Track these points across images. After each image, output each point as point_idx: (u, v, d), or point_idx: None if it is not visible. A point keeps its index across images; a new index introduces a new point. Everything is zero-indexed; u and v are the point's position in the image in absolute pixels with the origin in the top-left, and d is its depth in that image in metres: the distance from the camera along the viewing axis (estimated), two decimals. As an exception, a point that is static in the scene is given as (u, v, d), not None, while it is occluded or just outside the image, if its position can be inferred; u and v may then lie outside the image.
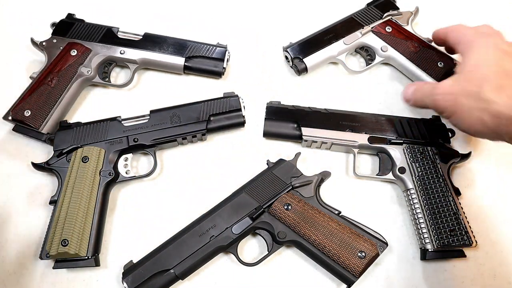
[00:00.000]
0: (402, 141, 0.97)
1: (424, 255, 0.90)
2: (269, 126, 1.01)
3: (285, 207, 0.89)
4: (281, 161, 0.94)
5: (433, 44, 1.04)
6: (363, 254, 0.84)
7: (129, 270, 0.85)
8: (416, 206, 0.92)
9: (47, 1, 1.23)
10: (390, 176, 0.97)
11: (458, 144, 1.03)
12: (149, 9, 1.23)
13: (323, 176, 0.93)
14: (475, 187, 1.01)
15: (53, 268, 0.88)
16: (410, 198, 0.93)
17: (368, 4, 1.13)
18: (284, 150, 1.04)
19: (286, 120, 1.00)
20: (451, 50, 0.96)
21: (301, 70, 1.07)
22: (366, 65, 1.12)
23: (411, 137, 0.97)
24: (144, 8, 1.24)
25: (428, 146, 0.96)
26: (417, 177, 0.94)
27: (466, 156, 0.97)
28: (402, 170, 0.95)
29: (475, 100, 0.76)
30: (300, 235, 0.87)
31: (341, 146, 1.00)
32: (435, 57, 1.04)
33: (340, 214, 0.89)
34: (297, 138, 1.00)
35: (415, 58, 1.05)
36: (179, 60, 1.07)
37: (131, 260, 0.89)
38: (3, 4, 1.23)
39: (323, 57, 1.07)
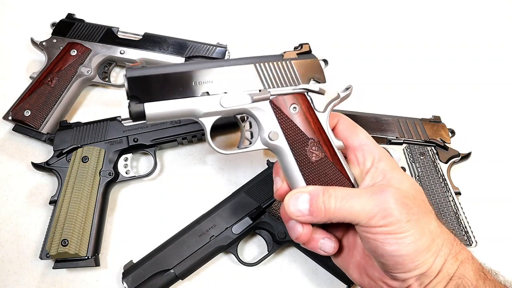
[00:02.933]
0: (402, 141, 0.97)
1: (424, 255, 0.90)
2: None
3: (285, 207, 0.88)
4: (281, 161, 0.94)
5: (340, 156, 0.65)
6: (363, 254, 0.84)
7: (129, 270, 0.85)
8: (416, 206, 0.92)
9: (47, 1, 1.23)
10: (390, 176, 0.97)
11: (458, 144, 1.03)
12: (149, 9, 1.23)
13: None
14: (475, 187, 1.01)
15: (53, 268, 0.88)
16: (410, 198, 0.93)
17: (286, 54, 0.67)
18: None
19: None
20: None
21: (134, 116, 0.62)
22: (239, 143, 0.71)
23: (411, 137, 0.97)
24: (144, 8, 1.24)
25: (428, 146, 0.96)
26: (417, 177, 0.94)
27: (466, 156, 0.97)
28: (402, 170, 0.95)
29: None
30: (300, 235, 0.87)
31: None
32: (333, 178, 0.64)
33: (340, 214, 0.89)
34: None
35: (309, 172, 0.64)
36: (179, 60, 1.07)
37: (131, 260, 0.89)
38: (3, 4, 1.23)
39: (178, 110, 0.63)
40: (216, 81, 0.64)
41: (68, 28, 1.09)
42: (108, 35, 1.09)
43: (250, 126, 0.69)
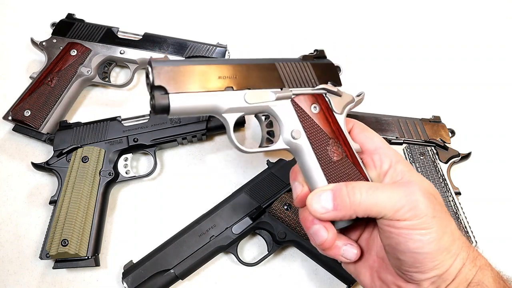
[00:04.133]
0: (402, 141, 0.97)
1: (424, 255, 0.89)
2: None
3: (285, 207, 0.88)
4: (281, 161, 0.94)
5: (357, 157, 0.65)
6: (363, 254, 0.84)
7: (129, 270, 0.85)
8: (416, 206, 0.92)
9: (47, 1, 1.23)
10: (390, 176, 0.97)
11: (458, 144, 1.03)
12: (149, 9, 1.23)
13: (323, 176, 0.93)
14: (475, 187, 1.01)
15: (53, 268, 0.88)
16: (410, 198, 0.93)
17: (304, 58, 0.69)
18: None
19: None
20: None
21: (158, 109, 0.59)
22: (261, 142, 0.69)
23: (411, 137, 0.97)
24: (144, 8, 1.24)
25: (428, 146, 0.96)
26: (417, 177, 0.93)
27: (466, 156, 0.97)
28: (402, 170, 0.95)
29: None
30: (300, 235, 0.87)
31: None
32: (354, 178, 0.63)
33: (340, 214, 0.89)
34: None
35: (331, 172, 0.63)
36: (179, 60, 1.07)
37: (131, 260, 0.89)
38: (3, 4, 1.23)
39: (203, 104, 0.61)
40: (240, 77, 0.63)
41: (68, 28, 1.08)
42: (108, 35, 1.09)
43: (271, 126, 0.68)
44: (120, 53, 1.08)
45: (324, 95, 0.67)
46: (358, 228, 0.65)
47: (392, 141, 0.97)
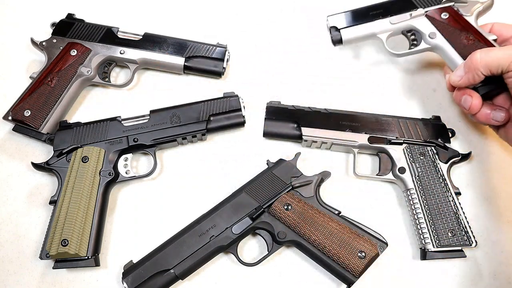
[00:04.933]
0: (402, 141, 0.97)
1: (424, 255, 0.90)
2: (269, 126, 1.01)
3: (285, 207, 0.89)
4: (281, 161, 0.94)
5: (493, 42, 0.93)
6: (363, 254, 0.84)
7: (129, 270, 0.85)
8: (416, 206, 0.92)
9: (47, 1, 1.23)
10: (390, 176, 0.97)
11: (458, 144, 1.03)
12: (149, 9, 1.23)
13: (323, 176, 0.93)
14: (475, 187, 1.01)
15: (53, 268, 0.88)
16: (410, 198, 0.93)
17: None
18: (284, 150, 1.04)
19: (286, 120, 1.00)
20: None
21: (336, 41, 1.05)
22: (409, 49, 1.04)
23: (411, 137, 0.97)
24: (144, 8, 1.24)
25: (428, 146, 0.96)
26: (417, 177, 0.94)
27: (466, 156, 0.97)
28: (402, 170, 0.95)
29: None
30: (300, 235, 0.87)
31: (341, 146, 1.00)
32: None
33: (340, 214, 0.89)
34: (297, 138, 1.00)
35: (466, 53, 0.92)
36: (179, 60, 1.07)
37: (131, 260, 0.89)
38: (3, 4, 1.23)
39: (363, 33, 1.03)
40: (383, 9, 1.02)
41: (68, 28, 1.09)
42: (108, 35, 1.09)
43: (415, 39, 1.03)
44: (120, 53, 1.08)
45: (452, 6, 0.99)
46: (505, 100, 0.87)
47: (392, 141, 0.97)
